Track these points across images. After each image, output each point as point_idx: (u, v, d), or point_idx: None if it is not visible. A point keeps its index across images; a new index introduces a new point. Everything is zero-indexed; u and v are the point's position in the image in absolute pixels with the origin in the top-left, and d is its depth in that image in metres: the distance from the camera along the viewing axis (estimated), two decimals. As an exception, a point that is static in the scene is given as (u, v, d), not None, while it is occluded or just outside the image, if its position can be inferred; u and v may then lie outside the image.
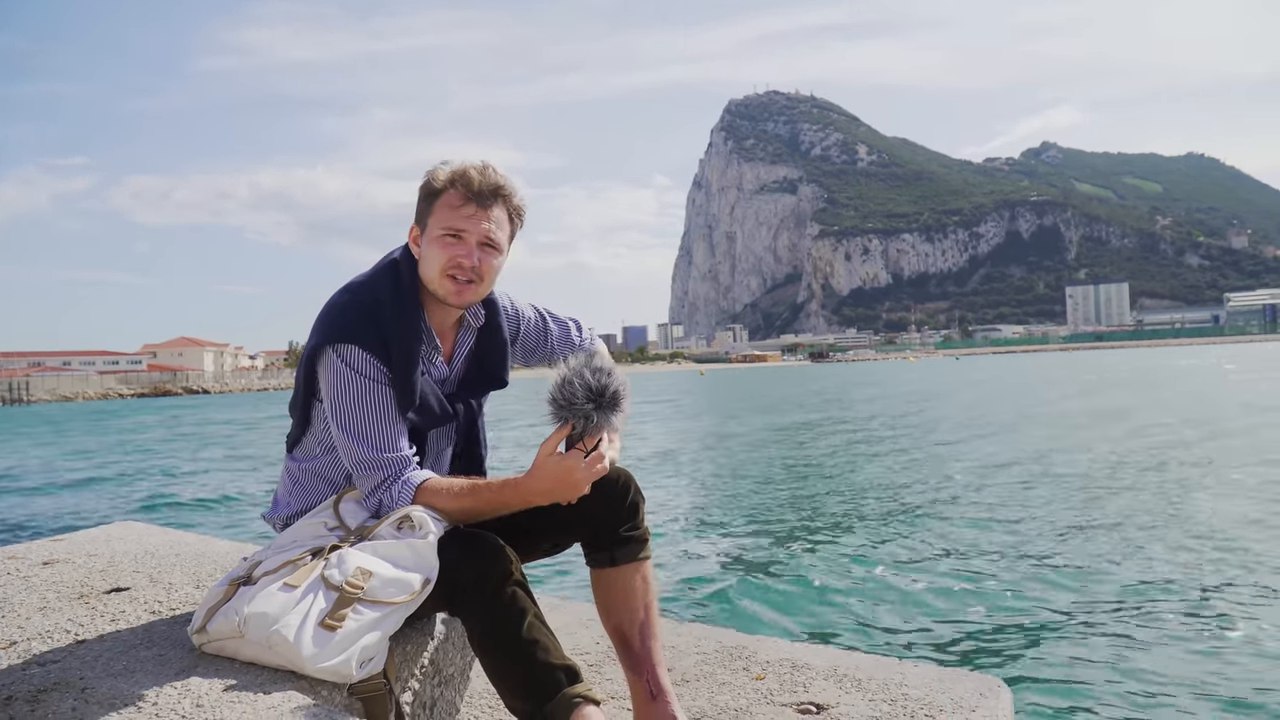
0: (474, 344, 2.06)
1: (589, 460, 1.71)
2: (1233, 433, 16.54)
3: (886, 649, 5.09)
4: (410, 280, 1.92)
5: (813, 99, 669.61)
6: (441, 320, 1.98)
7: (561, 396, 1.70)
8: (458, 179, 1.87)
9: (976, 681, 2.07)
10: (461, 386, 2.03)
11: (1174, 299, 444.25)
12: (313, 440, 1.99)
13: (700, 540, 8.74)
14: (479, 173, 1.88)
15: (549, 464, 1.71)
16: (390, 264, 1.95)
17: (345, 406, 1.83)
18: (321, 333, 1.86)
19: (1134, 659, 4.78)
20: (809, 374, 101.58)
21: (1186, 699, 4.22)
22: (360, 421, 1.83)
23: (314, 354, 1.87)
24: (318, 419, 1.94)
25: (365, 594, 1.64)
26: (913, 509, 9.82)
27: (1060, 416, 22.77)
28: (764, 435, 21.55)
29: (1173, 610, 5.63)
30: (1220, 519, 8.50)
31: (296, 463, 2.02)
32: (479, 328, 2.06)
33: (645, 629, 1.89)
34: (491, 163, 1.91)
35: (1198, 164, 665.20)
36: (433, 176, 1.90)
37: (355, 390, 1.83)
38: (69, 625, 1.99)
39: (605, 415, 1.71)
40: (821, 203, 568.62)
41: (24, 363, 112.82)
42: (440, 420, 1.96)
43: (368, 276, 1.95)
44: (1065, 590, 6.21)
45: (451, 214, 1.87)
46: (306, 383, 1.92)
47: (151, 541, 2.89)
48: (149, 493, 14.62)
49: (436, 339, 1.96)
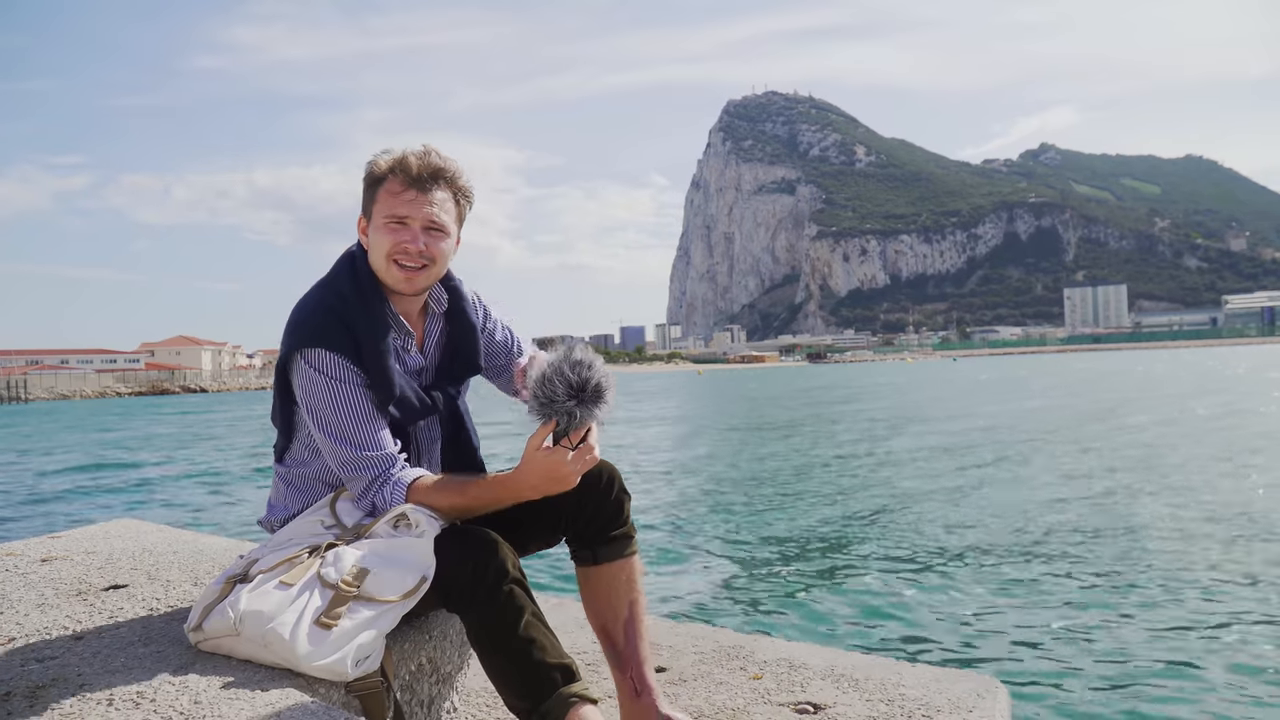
0: (446, 330, 2.05)
1: (576, 454, 1.69)
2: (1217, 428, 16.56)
3: (884, 649, 5.10)
4: (369, 272, 1.91)
5: (811, 100, 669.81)
6: (407, 309, 1.97)
7: (542, 394, 1.67)
8: (397, 165, 1.86)
9: (974, 682, 2.07)
10: (439, 375, 2.02)
11: (1172, 301, 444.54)
12: (300, 446, 1.97)
13: (698, 540, 8.73)
14: (418, 158, 1.87)
15: (537, 458, 1.70)
16: (348, 258, 1.94)
17: (323, 412, 1.82)
18: (290, 340, 1.84)
19: (1131, 659, 4.78)
20: (806, 375, 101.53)
21: (1183, 699, 4.23)
22: (340, 424, 1.82)
23: (285, 363, 1.86)
24: (301, 426, 1.93)
25: (361, 592, 1.64)
26: (910, 510, 9.83)
27: (1055, 416, 22.79)
28: (761, 435, 21.55)
29: (1171, 611, 5.63)
30: (1219, 517, 8.51)
31: (288, 468, 2.01)
32: (444, 313, 2.04)
33: (630, 626, 1.89)
34: (434, 146, 1.90)
35: (1196, 166, 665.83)
36: (374, 165, 1.89)
37: (330, 395, 1.82)
38: (67, 622, 1.99)
39: (588, 410, 1.67)
40: (820, 203, 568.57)
41: (22, 360, 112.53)
42: (421, 413, 1.95)
43: (330, 274, 1.94)
44: (1062, 591, 6.21)
45: (393, 200, 1.86)
46: (282, 392, 1.91)
47: (149, 539, 2.89)
48: (147, 490, 14.60)
49: (407, 326, 1.95)
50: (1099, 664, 4.73)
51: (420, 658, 1.91)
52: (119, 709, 1.49)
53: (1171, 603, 5.84)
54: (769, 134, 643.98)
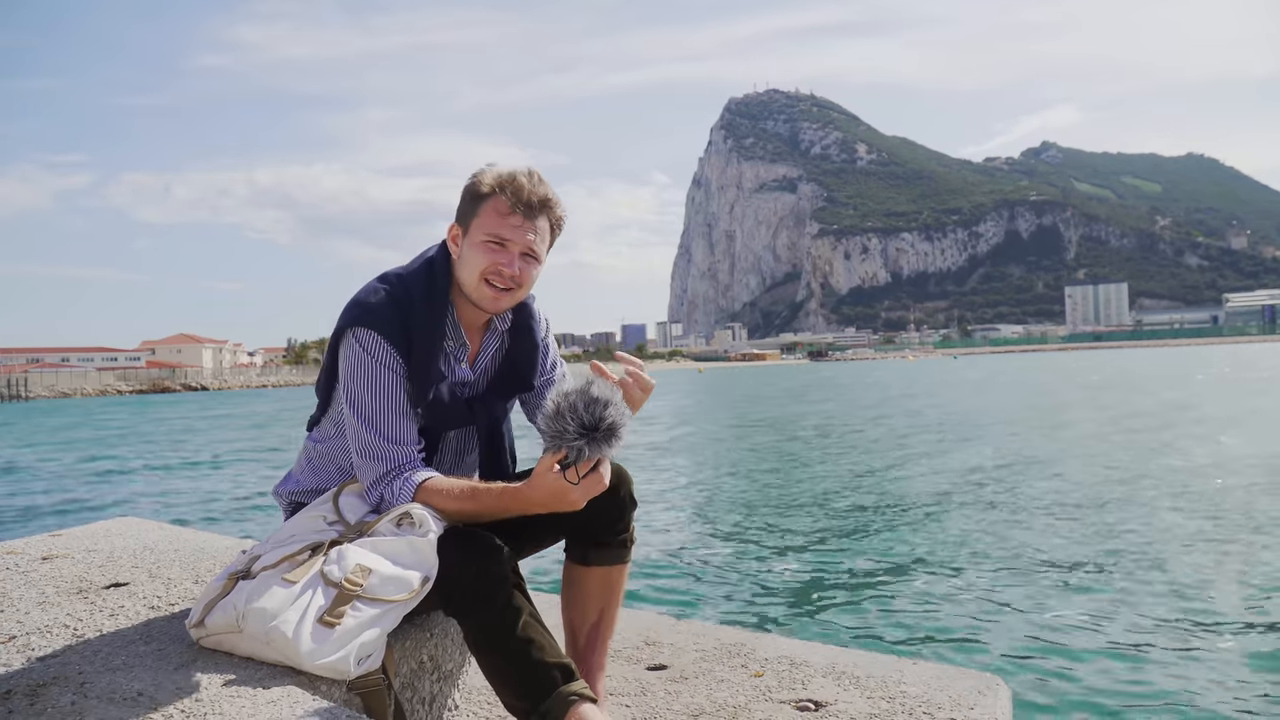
0: (506, 346, 2.04)
1: (583, 483, 1.67)
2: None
3: (885, 646, 5.09)
4: (444, 277, 1.91)
5: (812, 98, 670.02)
6: (470, 321, 1.97)
7: (551, 428, 1.64)
8: (507, 185, 1.83)
9: (975, 679, 2.06)
10: (489, 389, 2.02)
11: (1173, 299, 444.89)
12: (329, 422, 1.99)
13: (698, 537, 8.73)
14: (529, 181, 1.84)
15: (547, 479, 1.68)
16: (427, 262, 1.94)
17: (358, 391, 1.83)
18: (347, 315, 1.86)
19: (1132, 656, 4.78)
20: (807, 373, 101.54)
21: (1183, 696, 4.23)
22: (372, 407, 1.82)
23: (337, 336, 1.88)
24: (335, 401, 1.95)
25: (364, 591, 1.63)
26: (912, 507, 9.82)
27: (1055, 413, 22.79)
28: (763, 432, 21.55)
29: (1171, 607, 5.63)
30: (1218, 517, 8.50)
31: (314, 443, 2.03)
32: (506, 330, 2.03)
33: (594, 632, 1.92)
34: (539, 170, 1.88)
35: (1197, 164, 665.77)
36: (479, 179, 1.86)
37: (370, 375, 1.83)
38: (68, 620, 1.99)
39: (598, 448, 1.64)
40: (821, 201, 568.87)
41: (23, 359, 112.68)
42: (455, 422, 1.94)
43: (405, 270, 1.94)
44: (1064, 588, 6.21)
45: (497, 220, 1.84)
46: (330, 366, 1.93)
47: (150, 537, 2.88)
48: (148, 488, 14.61)
49: (465, 336, 1.95)
50: (1101, 661, 4.72)
51: (421, 655, 1.91)
52: (120, 707, 1.49)
53: (1175, 599, 5.83)
54: (770, 132, 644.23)
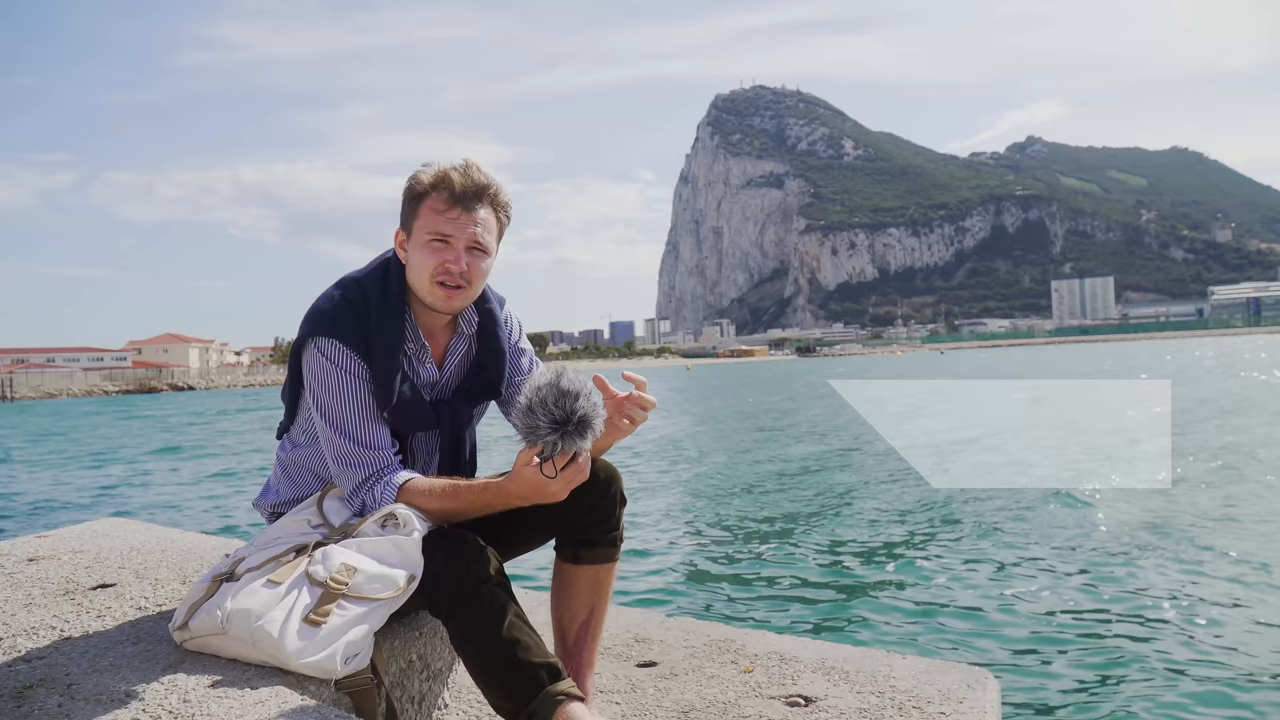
0: (475, 350, 2.03)
1: (563, 474, 1.65)
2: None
3: (874, 641, 5.11)
4: (399, 282, 1.91)
5: (799, 93, 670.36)
6: (430, 323, 1.96)
7: (523, 424, 1.63)
8: (440, 182, 1.83)
9: (964, 673, 2.07)
10: (455, 393, 2.01)
11: (1159, 292, 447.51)
12: (298, 430, 1.99)
13: (688, 533, 8.74)
14: (461, 174, 1.83)
15: (526, 473, 1.67)
16: (382, 264, 1.94)
17: (327, 400, 1.83)
18: (307, 325, 1.86)
19: (1121, 650, 4.81)
20: (796, 369, 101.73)
21: (1174, 691, 4.25)
22: (344, 415, 1.82)
23: (299, 346, 1.88)
24: (303, 409, 1.94)
25: (350, 590, 1.63)
26: (899, 502, 9.85)
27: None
28: (751, 431, 21.58)
29: (1162, 603, 5.66)
30: (1217, 517, 8.57)
31: (285, 451, 2.03)
32: (473, 335, 2.02)
33: (584, 630, 1.91)
34: (474, 160, 1.87)
35: (1182, 158, 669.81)
36: (415, 180, 1.86)
37: (337, 384, 1.83)
38: (54, 622, 1.97)
39: (572, 440, 1.62)
40: (808, 197, 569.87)
41: (7, 360, 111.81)
42: (420, 424, 1.93)
43: (360, 274, 1.94)
44: (1053, 582, 6.24)
45: (436, 218, 1.83)
46: (293, 374, 1.93)
47: (137, 538, 2.87)
48: (134, 489, 14.52)
49: (424, 339, 1.94)
50: (1089, 655, 4.75)
51: (410, 654, 1.91)
52: (107, 708, 1.48)
53: (1162, 593, 5.86)
54: (757, 128, 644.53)
